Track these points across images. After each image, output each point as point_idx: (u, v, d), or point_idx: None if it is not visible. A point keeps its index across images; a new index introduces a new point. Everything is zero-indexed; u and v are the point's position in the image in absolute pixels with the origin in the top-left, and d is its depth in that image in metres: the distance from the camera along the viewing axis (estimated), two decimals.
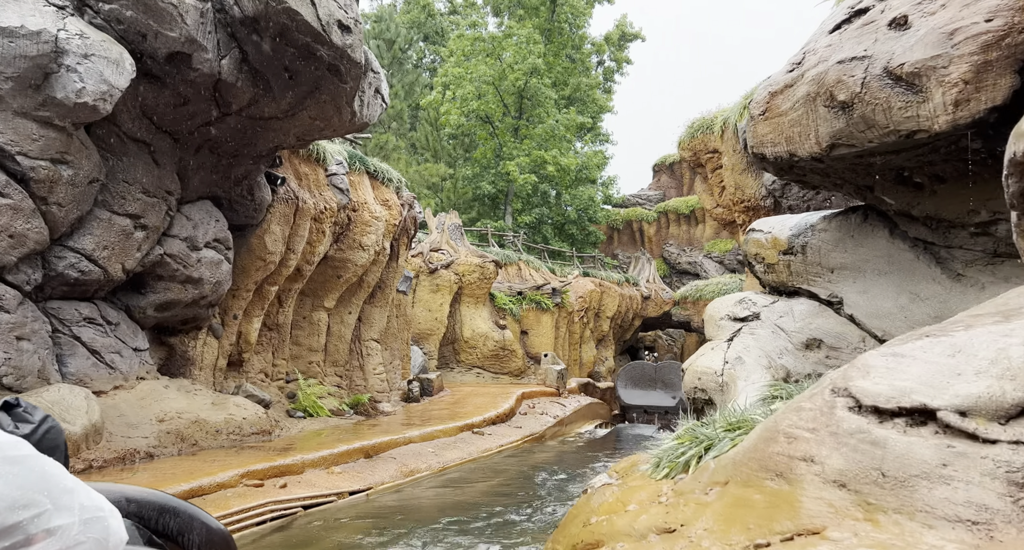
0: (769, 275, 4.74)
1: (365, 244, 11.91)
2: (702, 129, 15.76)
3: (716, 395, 4.35)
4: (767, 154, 3.84)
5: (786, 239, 4.56)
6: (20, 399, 1.17)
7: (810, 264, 4.30)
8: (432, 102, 29.34)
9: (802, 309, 4.28)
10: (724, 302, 5.06)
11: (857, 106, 3.19)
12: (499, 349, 19.81)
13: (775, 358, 4.17)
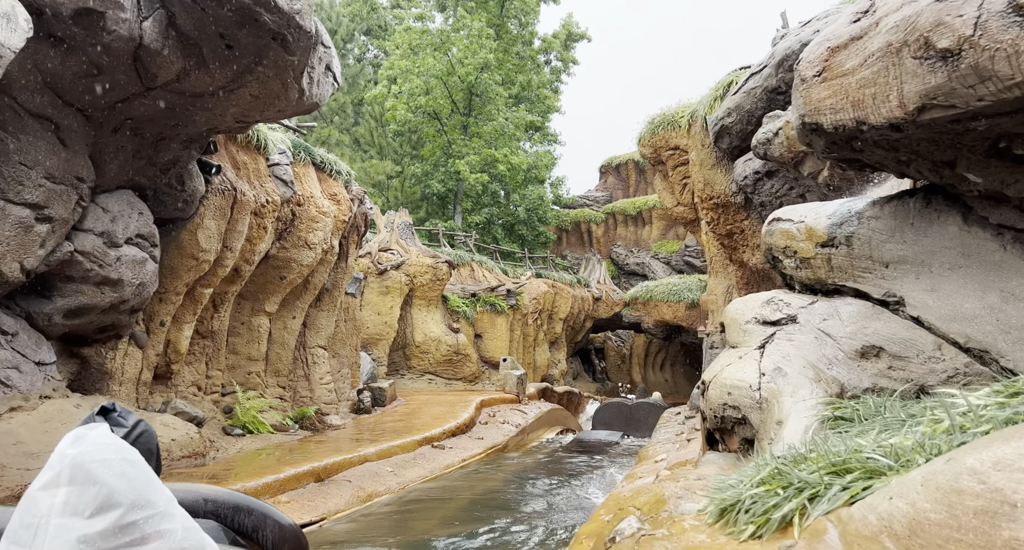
0: (802, 271, 4.11)
1: (311, 242, 10.86)
2: (663, 125, 15.29)
3: (752, 414, 3.65)
4: (824, 124, 3.18)
5: (824, 229, 3.93)
6: (115, 404, 1.22)
7: (857, 258, 3.67)
8: (377, 96, 28.18)
9: (851, 311, 3.64)
10: (749, 303, 4.39)
11: (967, 54, 2.49)
12: (452, 354, 18.92)
13: (824, 369, 3.50)
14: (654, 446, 11.04)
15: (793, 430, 3.20)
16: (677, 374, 37.14)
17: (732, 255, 12.44)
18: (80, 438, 0.93)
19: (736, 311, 4.37)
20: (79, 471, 0.88)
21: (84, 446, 0.92)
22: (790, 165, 9.32)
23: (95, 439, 0.94)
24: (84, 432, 0.97)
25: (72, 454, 0.90)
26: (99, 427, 1.01)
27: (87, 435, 0.95)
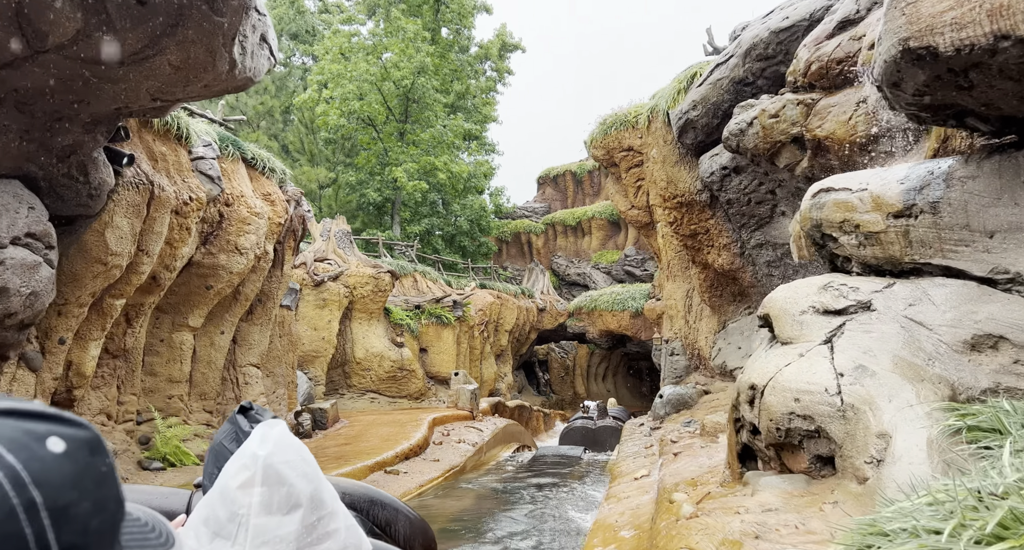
0: (867, 249, 3.43)
1: (242, 246, 9.65)
2: (616, 125, 14.79)
3: (833, 424, 2.90)
4: (940, 46, 2.50)
5: (898, 196, 3.26)
6: (252, 402, 1.28)
7: (947, 228, 3.02)
8: (307, 101, 26.75)
9: (947, 293, 2.97)
10: (800, 290, 3.66)
11: None
12: (397, 370, 17.75)
13: (923, 366, 2.80)
14: (625, 461, 10.31)
15: (909, 445, 2.44)
16: (619, 384, 36.90)
17: (695, 256, 11.92)
18: (266, 438, 0.95)
19: (785, 300, 3.64)
20: (271, 472, 0.91)
21: (271, 447, 0.94)
22: (764, 157, 8.82)
23: (278, 439, 0.96)
24: (267, 431, 0.97)
25: (263, 455, 0.92)
26: (278, 426, 0.99)
27: (271, 434, 0.96)
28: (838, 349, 3.08)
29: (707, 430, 9.14)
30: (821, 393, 2.95)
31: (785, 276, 10.66)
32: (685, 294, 13.83)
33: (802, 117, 7.90)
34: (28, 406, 0.50)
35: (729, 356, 11.80)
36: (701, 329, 13.03)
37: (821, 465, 3.04)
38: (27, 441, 0.47)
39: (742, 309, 11.99)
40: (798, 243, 7.96)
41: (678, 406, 12.76)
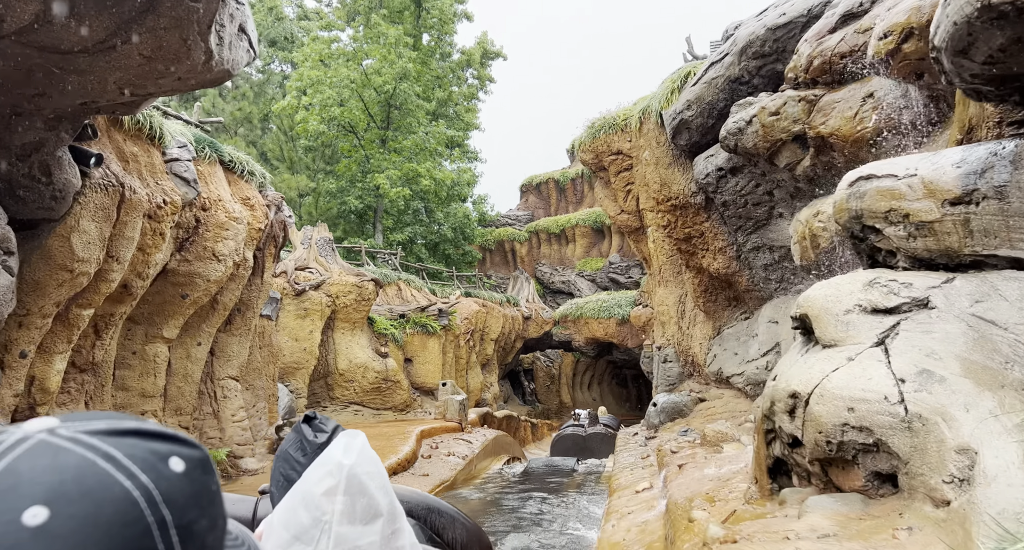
0: (918, 241, 3.12)
1: (220, 253, 9.18)
2: (605, 129, 14.53)
3: (896, 437, 2.57)
4: None
5: (955, 181, 2.96)
6: (315, 412, 1.33)
7: (1017, 215, 2.71)
8: (286, 108, 26.22)
9: (1021, 288, 2.64)
10: (842, 286, 3.33)
11: None
12: (381, 381, 17.25)
13: (1000, 370, 2.48)
14: (622, 472, 9.95)
15: (1003, 463, 2.11)
16: (604, 393, 36.63)
17: (689, 260, 11.64)
18: (350, 448, 0.97)
19: (826, 298, 3.30)
20: (354, 482, 0.92)
21: (355, 457, 0.95)
22: (764, 157, 8.56)
23: (361, 449, 0.97)
24: (351, 441, 0.98)
25: (348, 465, 0.94)
26: (359, 437, 1.01)
27: (354, 444, 0.98)
28: (894, 352, 2.76)
29: (708, 440, 8.81)
30: (880, 402, 2.62)
31: (783, 279, 10.41)
32: (678, 299, 13.55)
33: (804, 114, 7.65)
34: (148, 426, 0.51)
35: (725, 362, 11.51)
36: (695, 335, 12.74)
37: (880, 483, 2.70)
38: (154, 461, 0.48)
39: (737, 314, 11.72)
40: (802, 244, 7.68)
41: (673, 415, 12.44)
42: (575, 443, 14.70)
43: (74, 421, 0.49)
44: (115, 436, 0.48)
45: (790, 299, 10.27)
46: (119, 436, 0.48)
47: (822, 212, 6.97)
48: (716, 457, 7.31)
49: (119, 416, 0.51)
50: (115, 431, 0.48)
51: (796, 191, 9.07)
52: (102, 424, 0.49)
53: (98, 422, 0.49)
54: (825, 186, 8.07)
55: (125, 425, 0.49)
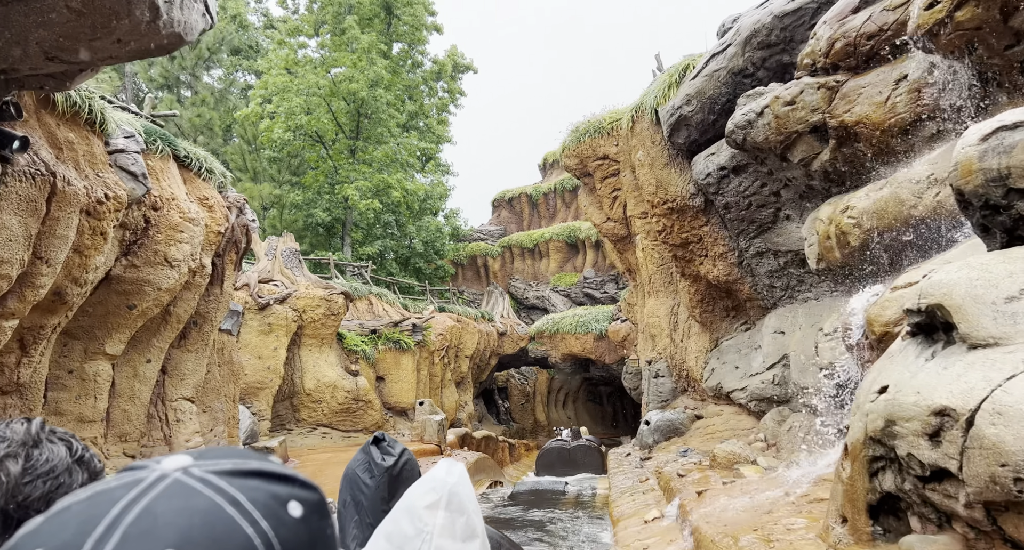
0: None
1: (174, 258, 8.15)
2: (591, 132, 13.86)
3: None
4: None
5: None
6: (384, 434, 1.35)
7: None
8: (249, 116, 25.09)
9: None
10: (994, 266, 2.56)
11: None
12: (351, 401, 16.16)
13: None
14: (622, 497, 9.09)
15: None
16: (579, 411, 35.79)
17: (685, 268, 10.94)
18: (452, 470, 1.01)
19: (971, 283, 2.52)
20: (455, 499, 0.96)
21: (457, 477, 0.99)
22: (776, 152, 7.90)
23: (461, 473, 1.02)
24: (452, 465, 1.02)
25: (451, 482, 0.98)
26: (460, 464, 1.05)
27: (455, 469, 1.02)
28: None
29: (719, 462, 8.02)
30: None
31: (789, 287, 9.76)
32: (670, 311, 12.84)
33: (824, 102, 7.02)
34: (270, 466, 0.51)
35: (725, 377, 10.79)
36: (690, 348, 12.02)
37: None
38: (274, 505, 0.48)
39: (737, 325, 11.04)
40: (824, 245, 6.99)
41: (668, 433, 11.66)
42: (560, 456, 15.11)
43: (205, 459, 0.49)
44: (240, 477, 0.48)
45: (797, 308, 9.62)
46: (244, 477, 0.49)
47: (853, 207, 6.29)
48: (739, 483, 6.51)
49: (244, 454, 0.51)
50: (240, 472, 0.49)
51: (807, 190, 8.43)
52: (229, 464, 0.49)
53: (226, 461, 0.50)
54: (848, 181, 7.43)
55: (250, 466, 0.50)
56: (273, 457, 0.59)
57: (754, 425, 10.25)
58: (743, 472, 7.07)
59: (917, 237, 5.78)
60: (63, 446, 0.93)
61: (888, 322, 4.42)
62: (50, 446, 0.91)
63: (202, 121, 23.52)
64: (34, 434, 0.91)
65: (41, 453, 0.90)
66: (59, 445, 0.93)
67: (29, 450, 0.89)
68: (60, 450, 0.92)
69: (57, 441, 0.93)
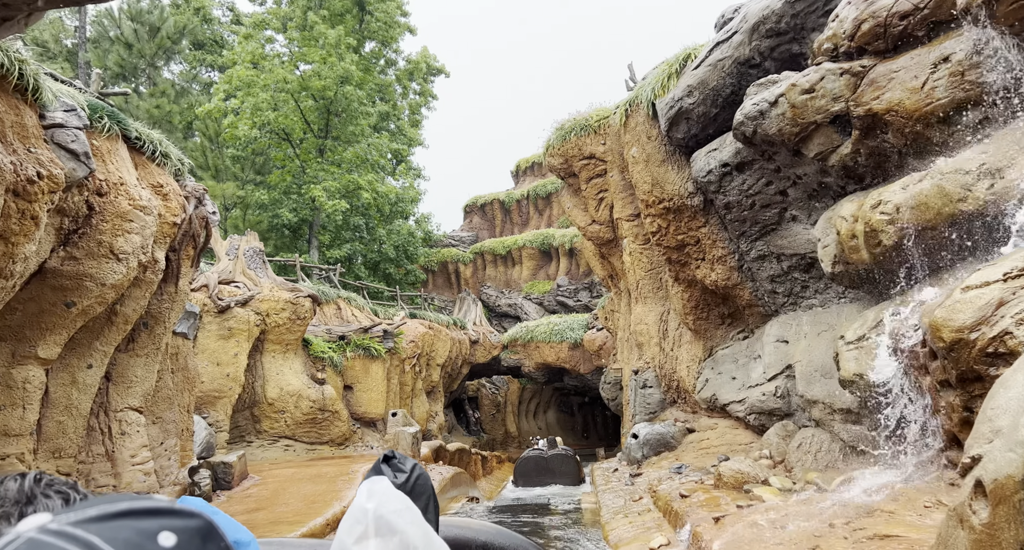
0: None
1: (120, 250, 7.21)
2: (576, 131, 13.23)
3: None
4: None
5: None
6: (396, 452, 1.30)
7: None
8: (212, 111, 23.89)
9: None
10: None
11: None
12: (317, 411, 15.17)
13: None
14: (616, 519, 8.36)
15: None
16: (550, 421, 35.09)
17: (680, 273, 10.32)
18: (372, 492, 1.01)
19: None
20: (382, 523, 0.96)
21: (378, 498, 0.99)
22: (790, 145, 7.33)
23: (384, 491, 1.01)
24: (372, 486, 1.02)
25: (372, 507, 0.97)
26: (381, 480, 1.05)
27: (376, 488, 1.02)
28: None
29: (726, 481, 7.36)
30: None
31: (792, 293, 9.20)
32: (659, 317, 12.22)
33: (848, 90, 6.46)
34: (142, 504, 0.51)
35: (720, 388, 10.18)
36: (681, 357, 11.41)
37: None
38: (139, 540, 0.48)
39: (734, 333, 10.45)
40: (847, 245, 6.41)
41: (658, 447, 11.00)
42: (538, 465, 15.44)
43: (69, 512, 0.49)
44: (104, 521, 0.48)
45: (801, 315, 9.06)
46: (106, 521, 0.48)
47: (887, 201, 5.71)
48: (759, 508, 5.83)
49: (116, 498, 0.51)
50: (104, 516, 0.48)
51: (819, 189, 7.88)
52: (94, 511, 0.48)
53: (90, 509, 0.49)
54: (869, 177, 6.87)
55: (116, 508, 0.49)
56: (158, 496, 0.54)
57: (752, 440, 9.65)
58: (759, 494, 6.41)
59: (963, 235, 5.21)
60: (59, 500, 0.89)
61: (962, 327, 3.80)
62: (45, 502, 0.89)
63: (161, 113, 22.24)
64: (27, 490, 0.89)
65: (34, 509, 0.87)
66: (55, 499, 0.89)
67: (23, 508, 0.87)
68: (56, 504, 0.88)
69: (54, 495, 0.90)
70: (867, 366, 5.84)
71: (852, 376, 6.23)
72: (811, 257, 8.57)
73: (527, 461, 15.52)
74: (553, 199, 40.10)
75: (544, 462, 15.24)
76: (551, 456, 15.31)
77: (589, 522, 9.57)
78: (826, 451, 7.47)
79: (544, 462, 15.24)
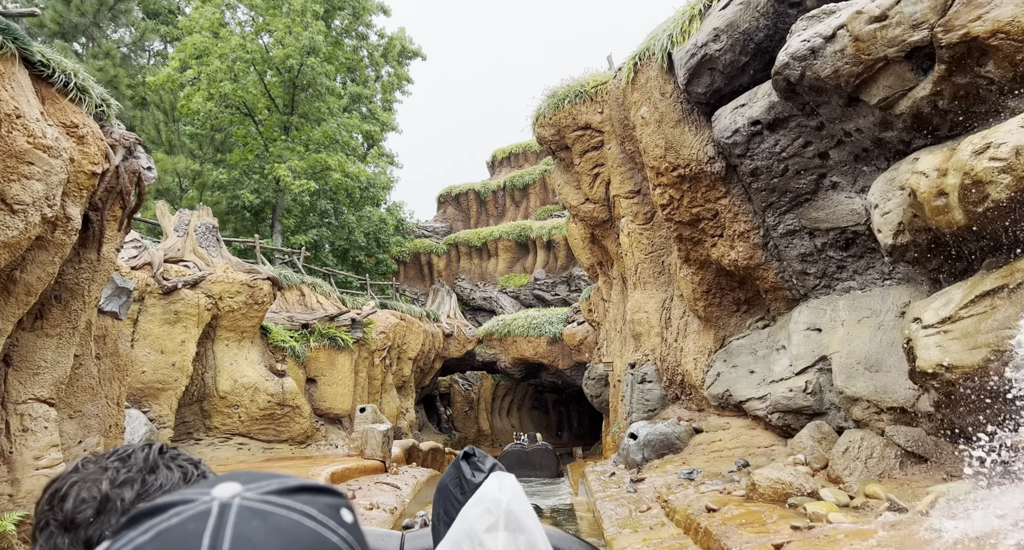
0: None
1: (16, 199, 5.68)
2: (571, 98, 11.93)
3: None
4: None
5: None
6: (475, 449, 1.29)
7: None
8: (165, 81, 21.94)
9: None
10: None
11: None
12: (275, 406, 13.63)
13: None
14: (623, 535, 7.07)
15: None
16: (525, 419, 33.87)
17: (692, 252, 9.08)
18: (504, 486, 0.99)
19: None
20: (512, 518, 0.95)
21: (510, 494, 0.97)
22: (845, 91, 6.11)
23: (514, 488, 0.99)
24: (503, 480, 1.01)
25: (505, 501, 0.96)
26: (508, 476, 1.04)
27: (506, 483, 1.00)
28: None
29: (763, 493, 6.12)
30: None
31: (826, 274, 8.02)
32: (660, 305, 10.99)
33: (934, 12, 5.24)
34: (305, 482, 0.52)
35: (736, 383, 8.98)
36: (687, 348, 10.18)
37: None
38: (331, 512, 0.49)
39: (751, 321, 9.25)
40: (932, 206, 5.19)
41: (660, 449, 9.76)
42: (519, 458, 15.97)
43: (250, 483, 0.49)
44: (292, 495, 0.49)
45: (837, 300, 7.88)
46: (295, 494, 0.49)
47: (1001, 144, 4.50)
48: (822, 531, 4.58)
49: (275, 474, 0.51)
50: (288, 489, 0.49)
51: (872, 148, 6.68)
52: (275, 484, 0.50)
53: (266, 482, 0.50)
54: (944, 128, 5.68)
55: (292, 484, 0.50)
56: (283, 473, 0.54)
57: (774, 442, 8.46)
58: (815, 512, 5.16)
59: None
60: (179, 473, 0.92)
61: None
62: (166, 472, 0.92)
63: (104, 77, 20.24)
64: (152, 460, 0.92)
65: (156, 479, 0.90)
66: (175, 472, 0.92)
67: (144, 476, 0.90)
68: (174, 476, 0.91)
69: (175, 467, 0.92)
70: (971, 355, 4.63)
71: (934, 367, 5.01)
72: (853, 231, 7.39)
73: (509, 455, 16.16)
74: (531, 190, 38.85)
75: (525, 456, 15.95)
76: (532, 450, 16.10)
77: (588, 533, 8.28)
78: (879, 458, 6.29)
79: (525, 456, 15.95)
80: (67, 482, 0.89)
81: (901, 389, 6.50)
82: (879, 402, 6.68)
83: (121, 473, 0.88)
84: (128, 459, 0.91)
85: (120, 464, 0.90)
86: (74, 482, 0.88)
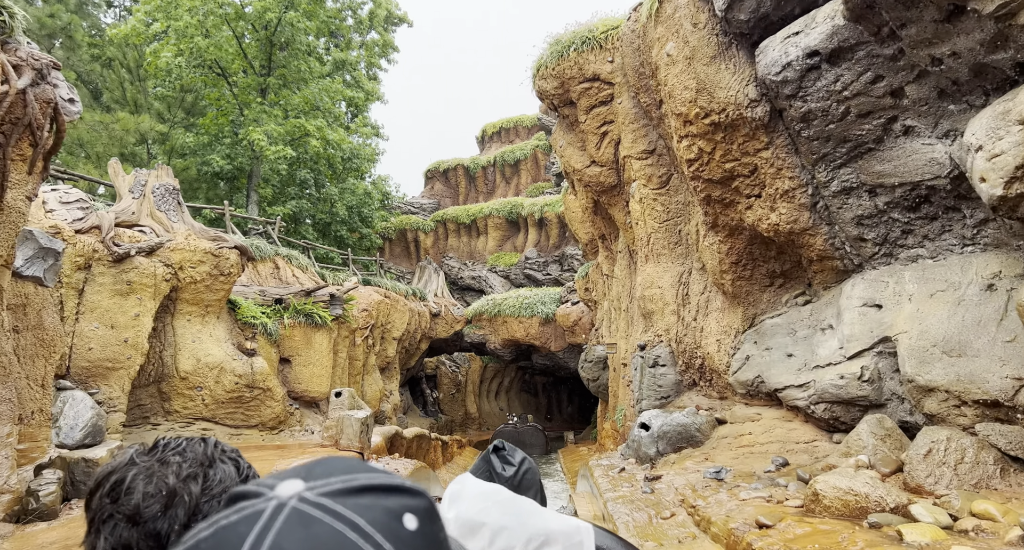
0: None
1: None
2: (577, 45, 10.52)
3: None
4: None
5: None
6: (504, 442, 1.28)
7: None
8: (129, 34, 20.13)
9: None
10: None
11: None
12: (244, 388, 12.29)
13: None
14: (642, 547, 5.85)
15: None
16: (513, 402, 32.74)
17: (721, 215, 7.78)
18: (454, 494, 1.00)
19: None
20: (464, 528, 0.94)
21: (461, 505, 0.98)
22: None
23: (470, 493, 0.99)
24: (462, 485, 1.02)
25: (452, 518, 0.96)
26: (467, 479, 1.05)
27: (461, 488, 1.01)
28: None
29: (828, 505, 4.90)
30: None
31: (888, 240, 6.76)
32: (676, 279, 9.73)
33: None
34: (377, 479, 0.51)
35: (770, 368, 7.75)
36: (709, 328, 8.94)
37: None
38: (389, 522, 0.48)
39: (788, 297, 8.01)
40: None
41: (677, 443, 8.55)
42: (512, 437, 16.94)
43: (315, 480, 0.49)
44: (353, 496, 0.49)
45: (901, 271, 6.64)
46: (357, 496, 0.49)
47: None
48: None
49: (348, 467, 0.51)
50: (351, 490, 0.49)
51: (968, 79, 5.38)
52: (338, 482, 0.49)
53: (334, 479, 0.50)
54: None
55: (358, 482, 0.50)
56: (374, 462, 0.53)
57: (815, 437, 7.25)
58: (919, 540, 3.93)
59: None
60: (232, 466, 0.93)
61: None
62: (222, 466, 0.93)
63: (57, 23, 18.38)
64: (209, 454, 0.93)
65: (215, 473, 0.91)
66: (228, 465, 0.93)
67: (206, 470, 0.90)
68: (230, 470, 0.93)
69: (227, 461, 0.94)
70: None
71: None
72: (929, 186, 6.13)
73: (501, 434, 17.00)
74: (522, 166, 37.40)
75: (517, 435, 17.15)
76: (523, 429, 17.37)
77: None
78: (972, 463, 5.07)
79: (517, 435, 17.15)
80: (128, 474, 0.87)
81: (994, 378, 5.28)
82: (963, 393, 5.47)
83: (184, 467, 0.89)
84: (185, 452, 0.92)
85: (180, 458, 0.90)
86: (135, 475, 0.87)
